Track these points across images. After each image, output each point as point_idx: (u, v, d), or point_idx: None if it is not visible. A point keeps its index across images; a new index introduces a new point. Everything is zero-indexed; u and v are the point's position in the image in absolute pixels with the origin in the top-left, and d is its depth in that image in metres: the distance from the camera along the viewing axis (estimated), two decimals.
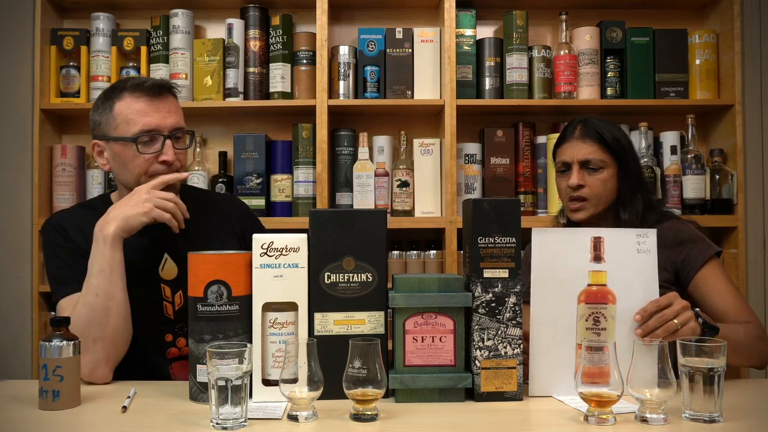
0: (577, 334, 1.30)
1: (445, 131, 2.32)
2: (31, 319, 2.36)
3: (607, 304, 1.30)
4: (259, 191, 2.37)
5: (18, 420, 1.16)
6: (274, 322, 1.25)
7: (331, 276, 1.27)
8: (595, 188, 1.63)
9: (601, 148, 1.64)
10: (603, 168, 1.64)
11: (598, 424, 1.11)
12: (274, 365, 1.24)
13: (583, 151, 1.64)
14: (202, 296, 1.22)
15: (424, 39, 2.40)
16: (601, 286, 1.30)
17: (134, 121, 1.45)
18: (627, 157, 1.65)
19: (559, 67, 2.41)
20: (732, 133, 2.38)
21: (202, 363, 1.21)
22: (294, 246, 1.26)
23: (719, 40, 2.44)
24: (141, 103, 1.46)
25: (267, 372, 1.25)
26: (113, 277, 1.37)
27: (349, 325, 1.27)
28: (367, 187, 2.36)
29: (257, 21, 2.41)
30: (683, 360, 1.14)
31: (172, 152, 1.47)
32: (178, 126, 1.50)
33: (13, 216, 2.38)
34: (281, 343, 1.24)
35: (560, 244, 1.31)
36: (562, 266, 1.31)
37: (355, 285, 1.27)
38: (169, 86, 1.53)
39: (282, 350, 1.24)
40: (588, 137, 1.65)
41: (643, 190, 1.66)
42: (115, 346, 1.38)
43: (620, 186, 1.65)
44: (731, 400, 1.21)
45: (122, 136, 1.46)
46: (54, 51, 2.41)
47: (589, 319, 1.30)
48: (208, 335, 1.22)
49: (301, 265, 1.26)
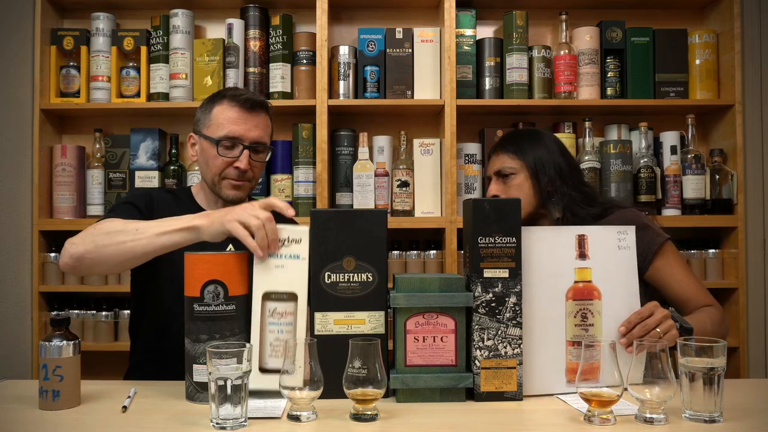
0: (566, 331, 1.32)
1: (445, 131, 2.32)
2: (31, 319, 2.36)
3: (593, 300, 1.33)
4: (260, 191, 2.37)
5: (18, 420, 1.16)
6: (273, 311, 1.25)
7: (332, 276, 1.27)
8: (510, 194, 1.71)
9: (509, 157, 1.72)
10: (515, 174, 1.71)
11: (598, 424, 1.11)
12: (272, 354, 1.25)
13: (497, 163, 1.75)
14: (199, 296, 1.22)
15: (424, 39, 2.40)
16: (587, 282, 1.33)
17: (223, 126, 1.60)
18: (537, 159, 1.70)
19: (559, 67, 2.41)
20: (732, 133, 2.38)
21: (199, 363, 1.22)
22: (296, 237, 1.26)
23: (719, 40, 2.44)
24: (233, 112, 1.60)
25: (264, 361, 1.25)
26: (154, 239, 1.36)
27: (350, 325, 1.27)
28: (367, 187, 2.37)
29: (257, 21, 2.41)
30: (683, 360, 1.14)
31: (246, 161, 1.59)
32: (260, 140, 1.63)
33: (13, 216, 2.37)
34: (279, 332, 1.25)
35: (547, 241, 1.33)
36: (549, 264, 1.33)
37: (356, 285, 1.27)
38: (262, 103, 1.65)
39: (280, 340, 1.25)
40: (501, 150, 1.75)
41: (568, 187, 1.68)
42: (99, 260, 1.40)
43: (539, 187, 1.69)
44: (731, 400, 1.21)
45: (211, 135, 1.61)
46: (54, 51, 2.41)
47: (578, 316, 1.32)
48: (205, 335, 1.22)
49: (302, 257, 1.26)
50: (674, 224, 2.34)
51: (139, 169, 2.39)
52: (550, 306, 1.32)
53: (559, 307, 1.32)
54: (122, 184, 2.41)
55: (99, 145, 2.45)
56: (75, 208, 2.40)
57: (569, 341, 1.31)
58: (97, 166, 2.42)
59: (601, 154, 2.38)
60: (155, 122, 2.48)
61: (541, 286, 1.32)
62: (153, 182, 2.38)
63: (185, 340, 1.25)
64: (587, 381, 1.13)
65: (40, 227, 2.35)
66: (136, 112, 2.45)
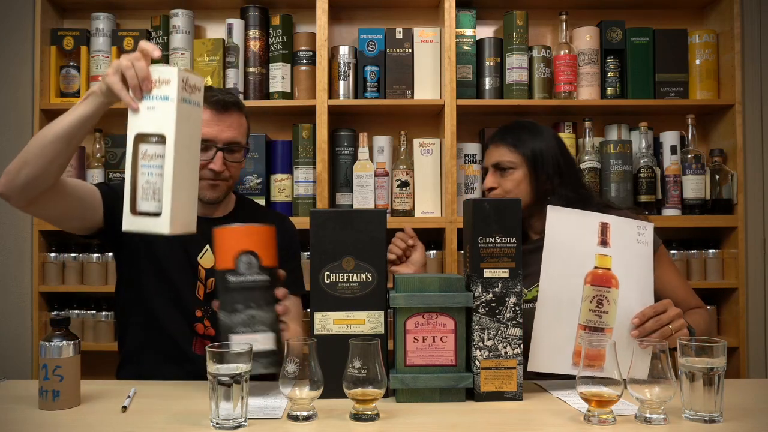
0: (580, 314, 1.34)
1: (445, 131, 2.32)
2: (31, 319, 2.36)
3: (611, 288, 1.34)
4: (259, 191, 2.37)
5: (18, 420, 1.16)
6: (144, 153, 1.22)
7: (331, 276, 1.27)
8: (507, 188, 1.69)
9: (508, 150, 1.69)
10: (513, 169, 1.69)
11: (598, 424, 1.11)
12: (143, 197, 1.22)
13: (495, 155, 1.72)
14: (233, 267, 1.23)
15: (424, 39, 2.40)
16: (606, 270, 1.35)
17: None
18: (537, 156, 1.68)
19: (559, 67, 2.41)
20: (732, 133, 2.38)
21: (235, 332, 1.23)
22: (166, 78, 1.22)
23: (719, 40, 2.44)
24: (205, 115, 1.57)
25: (138, 204, 1.22)
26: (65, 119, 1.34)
27: (349, 325, 1.27)
28: (367, 187, 2.36)
29: (257, 21, 2.41)
30: (683, 360, 1.14)
31: (220, 163, 1.59)
32: (233, 140, 1.62)
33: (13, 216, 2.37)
34: (149, 175, 1.22)
35: (572, 223, 1.37)
36: (572, 245, 1.35)
37: (355, 285, 1.27)
38: (234, 103, 1.63)
39: (150, 183, 1.22)
40: (500, 142, 1.72)
41: (565, 186, 1.67)
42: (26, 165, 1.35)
43: (536, 185, 1.68)
44: (731, 400, 1.21)
45: None
46: (54, 51, 2.41)
47: (593, 301, 1.34)
48: (241, 305, 1.23)
49: (171, 98, 1.22)
50: (674, 224, 2.35)
51: None
52: (568, 286, 1.34)
53: (577, 289, 1.34)
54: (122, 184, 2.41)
55: (99, 145, 2.45)
56: None
57: (581, 325, 1.33)
58: (97, 166, 2.42)
59: (601, 154, 2.38)
60: None
61: (562, 265, 1.34)
62: None
63: (220, 313, 1.26)
64: (591, 368, 1.13)
65: (40, 227, 2.34)
66: None
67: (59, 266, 2.38)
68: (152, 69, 1.24)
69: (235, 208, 1.76)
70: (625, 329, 1.33)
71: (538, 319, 1.33)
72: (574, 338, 1.33)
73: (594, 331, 1.28)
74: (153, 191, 1.21)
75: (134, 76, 1.24)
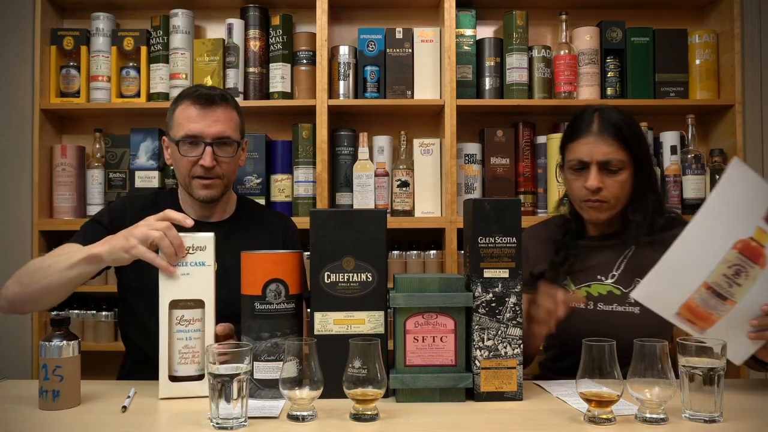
0: (711, 273, 1.25)
1: (445, 131, 2.32)
2: (31, 319, 2.36)
3: (756, 264, 1.25)
4: (259, 191, 2.37)
5: (18, 420, 1.16)
6: (180, 319, 1.26)
7: (331, 276, 1.26)
8: (614, 190, 1.53)
9: (621, 147, 1.52)
10: (622, 169, 1.52)
11: (599, 424, 1.11)
12: (181, 361, 1.25)
13: (602, 150, 1.52)
14: (261, 295, 1.23)
15: (424, 39, 2.40)
16: (761, 246, 1.25)
17: (182, 126, 1.59)
18: (643, 156, 1.55)
19: (559, 67, 2.41)
20: (732, 133, 2.38)
21: (260, 360, 1.23)
22: (201, 245, 1.27)
23: (719, 40, 2.44)
24: (192, 110, 1.58)
25: (174, 368, 1.26)
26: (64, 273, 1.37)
27: (349, 325, 1.27)
28: (367, 187, 2.37)
29: (257, 21, 2.41)
30: (683, 360, 1.14)
31: (210, 158, 1.56)
32: (222, 135, 1.58)
33: (13, 216, 2.38)
34: (188, 339, 1.26)
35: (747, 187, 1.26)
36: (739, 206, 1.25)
37: (355, 285, 1.27)
38: (221, 96, 1.61)
39: (188, 347, 1.26)
40: (607, 134, 1.52)
41: (653, 191, 1.58)
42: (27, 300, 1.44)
43: (634, 186, 1.55)
44: (731, 400, 1.21)
45: (174, 137, 1.60)
46: (54, 51, 2.41)
47: (732, 268, 1.25)
48: (266, 333, 1.23)
49: (207, 264, 1.27)
50: None
51: (139, 169, 2.38)
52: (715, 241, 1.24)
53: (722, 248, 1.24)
54: (122, 184, 2.41)
55: (99, 145, 2.45)
56: (75, 208, 2.40)
57: (706, 282, 1.24)
58: (97, 166, 2.42)
59: None
60: (155, 122, 2.47)
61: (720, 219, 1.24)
62: (153, 182, 2.38)
63: (243, 338, 1.26)
64: (693, 325, 1.11)
65: (40, 227, 2.34)
66: (136, 112, 2.45)
67: None
68: (186, 236, 1.27)
69: (236, 210, 1.74)
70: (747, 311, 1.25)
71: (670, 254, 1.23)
72: (693, 291, 1.24)
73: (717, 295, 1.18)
74: (192, 355, 1.25)
75: (170, 245, 1.25)
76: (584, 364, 1.12)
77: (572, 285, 1.59)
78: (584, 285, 1.58)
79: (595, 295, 1.56)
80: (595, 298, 1.55)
